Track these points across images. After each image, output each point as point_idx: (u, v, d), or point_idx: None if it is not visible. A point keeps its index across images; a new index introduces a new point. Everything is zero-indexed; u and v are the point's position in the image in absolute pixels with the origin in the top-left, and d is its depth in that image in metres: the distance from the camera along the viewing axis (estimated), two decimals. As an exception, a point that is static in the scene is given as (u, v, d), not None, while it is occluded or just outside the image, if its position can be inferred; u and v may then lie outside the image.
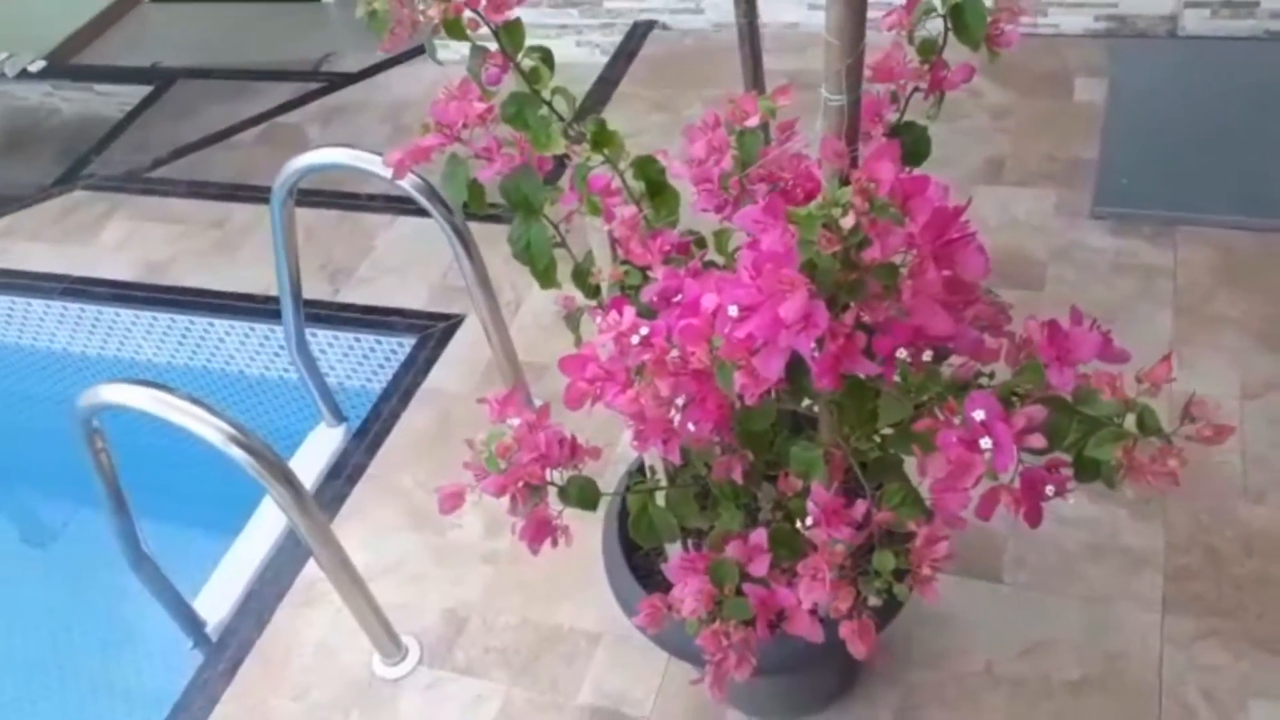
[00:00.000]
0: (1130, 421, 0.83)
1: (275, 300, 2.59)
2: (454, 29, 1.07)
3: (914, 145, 1.12)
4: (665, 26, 3.20)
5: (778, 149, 1.01)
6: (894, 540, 0.95)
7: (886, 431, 0.99)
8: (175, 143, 3.35)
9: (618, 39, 3.19)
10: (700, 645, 0.95)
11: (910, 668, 1.67)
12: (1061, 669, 1.63)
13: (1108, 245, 2.27)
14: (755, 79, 1.25)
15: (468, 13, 1.05)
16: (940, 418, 0.86)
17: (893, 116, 1.15)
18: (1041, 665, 1.64)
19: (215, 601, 1.99)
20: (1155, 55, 2.72)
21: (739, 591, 0.97)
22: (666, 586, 1.45)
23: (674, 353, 0.97)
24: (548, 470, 1.14)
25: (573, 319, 1.35)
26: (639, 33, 3.18)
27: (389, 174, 1.80)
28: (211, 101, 3.58)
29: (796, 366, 0.88)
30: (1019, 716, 1.59)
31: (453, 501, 1.15)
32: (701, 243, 1.18)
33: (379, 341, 2.50)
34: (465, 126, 1.24)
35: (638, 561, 1.50)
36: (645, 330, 0.97)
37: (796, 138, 1.02)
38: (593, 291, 1.30)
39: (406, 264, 2.65)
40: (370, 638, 1.76)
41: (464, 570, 1.94)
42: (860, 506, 0.91)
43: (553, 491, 1.16)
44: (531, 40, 1.15)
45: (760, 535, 0.99)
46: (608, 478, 1.42)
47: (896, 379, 0.90)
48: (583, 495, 1.16)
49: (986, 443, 0.81)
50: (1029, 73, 2.73)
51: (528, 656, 1.78)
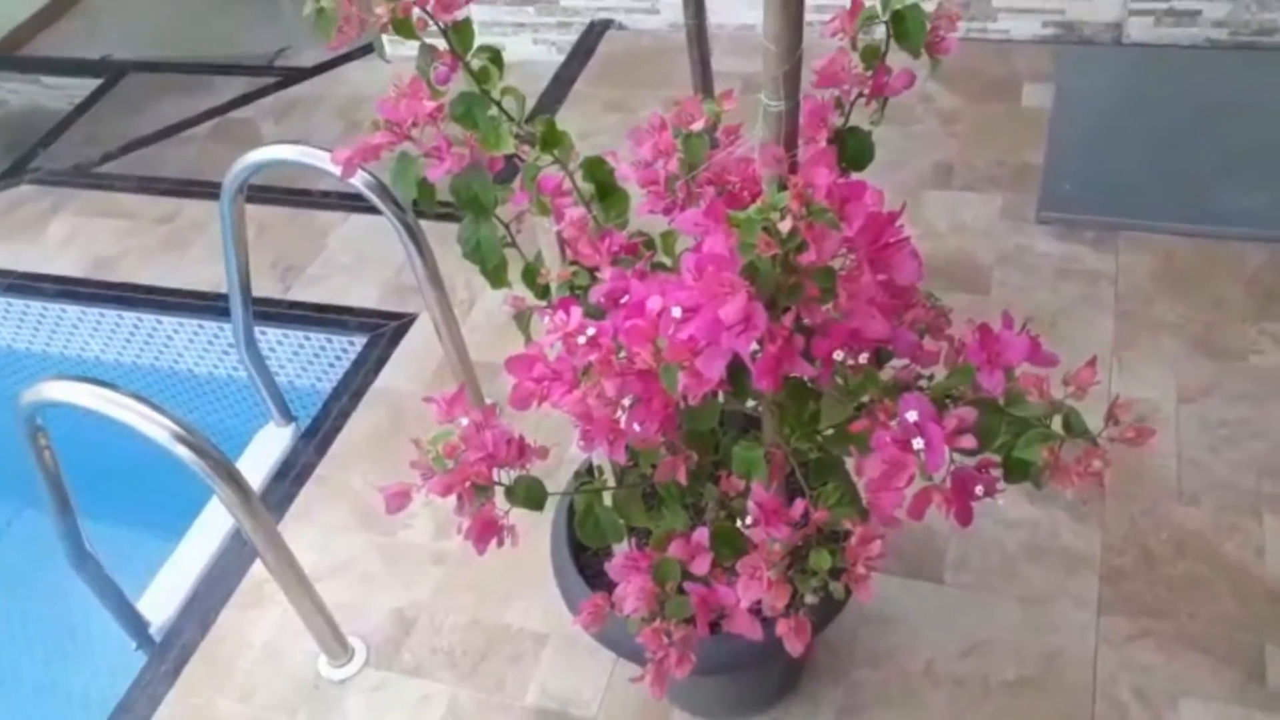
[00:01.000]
0: (1058, 423, 0.85)
1: (225, 298, 2.56)
2: (403, 28, 1.07)
3: (857, 150, 1.14)
4: (622, 26, 3.21)
5: (724, 153, 1.02)
6: (832, 540, 0.97)
7: (828, 433, 1.01)
8: (125, 137, 3.30)
9: (574, 38, 3.20)
10: (641, 643, 0.96)
11: (853, 667, 1.69)
12: (1000, 668, 1.66)
13: (1052, 250, 2.31)
14: (704, 82, 1.27)
15: (416, 11, 1.05)
16: (877, 419, 0.87)
17: (837, 121, 1.17)
18: (981, 665, 1.67)
19: (160, 602, 1.97)
20: (1100, 62, 2.77)
21: (680, 590, 0.98)
22: (613, 587, 1.47)
23: (620, 353, 0.98)
24: (495, 470, 1.14)
25: (522, 319, 1.35)
26: (595, 31, 3.19)
27: (339, 171, 1.80)
28: (163, 95, 3.54)
29: (738, 368, 0.90)
30: (959, 715, 1.62)
31: (397, 501, 1.15)
32: (650, 244, 1.19)
33: (329, 340, 2.49)
34: (415, 125, 1.25)
35: (586, 562, 1.51)
36: (592, 331, 0.98)
37: (742, 141, 1.04)
38: (542, 292, 1.30)
39: (359, 262, 2.64)
40: (317, 639, 1.75)
41: (413, 571, 1.93)
42: (799, 506, 0.93)
43: (500, 492, 1.17)
44: (488, 38, 1.15)
45: (702, 534, 1.00)
46: (559, 479, 1.42)
47: (837, 381, 0.92)
48: (530, 495, 1.17)
49: (919, 443, 0.82)
50: (979, 78, 2.77)
51: (475, 657, 1.78)
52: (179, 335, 2.58)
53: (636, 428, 1.01)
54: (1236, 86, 2.59)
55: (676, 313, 0.87)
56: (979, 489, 0.85)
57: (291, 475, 2.13)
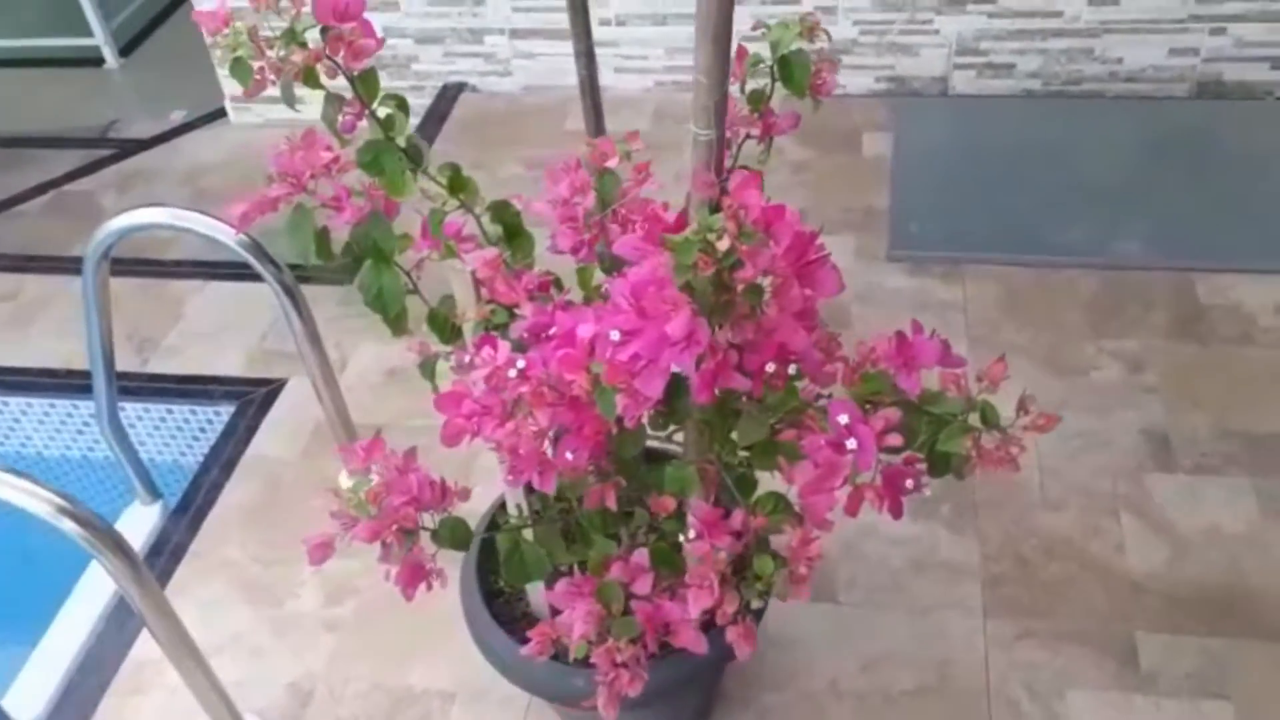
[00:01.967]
0: (974, 418, 0.92)
1: (77, 375, 2.46)
2: (310, 78, 1.08)
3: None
4: (475, 89, 3.25)
5: (634, 188, 1.07)
6: (765, 547, 1.01)
7: (750, 448, 1.05)
8: (-52, 215, 3.12)
9: (427, 101, 3.22)
10: (593, 665, 0.98)
11: (762, 690, 1.73)
12: (899, 679, 1.73)
13: (904, 285, 2.45)
14: (597, 127, 1.32)
15: (324, 62, 1.07)
16: (806, 427, 0.92)
17: (729, 160, 1.24)
18: (881, 678, 1.73)
19: (29, 698, 1.84)
20: (931, 112, 2.98)
21: (626, 610, 1.00)
22: (526, 632, 1.47)
23: (548, 385, 1.00)
24: (420, 513, 1.14)
25: (428, 366, 1.36)
26: (449, 95, 3.22)
27: (214, 232, 1.77)
28: (-13, 171, 3.37)
29: (673, 387, 0.93)
30: (866, 727, 1.67)
31: (321, 552, 1.13)
32: (559, 283, 1.22)
33: (193, 411, 2.40)
34: (312, 177, 1.25)
35: (498, 609, 1.50)
36: (522, 363, 1.00)
37: (650, 179, 1.09)
38: (448, 335, 1.31)
39: (219, 330, 2.56)
40: (212, 719, 1.67)
41: (306, 640, 1.87)
42: (738, 516, 0.97)
43: (424, 535, 1.16)
44: None
45: (642, 555, 1.03)
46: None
47: (760, 397, 0.97)
48: (455, 536, 1.17)
49: (852, 444, 0.88)
50: (823, 131, 2.93)
51: (381, 721, 1.74)
52: (28, 416, 2.44)
53: (569, 456, 1.04)
54: (1053, 131, 2.83)
55: (615, 335, 0.90)
56: (908, 483, 0.90)
57: (165, 553, 2.04)
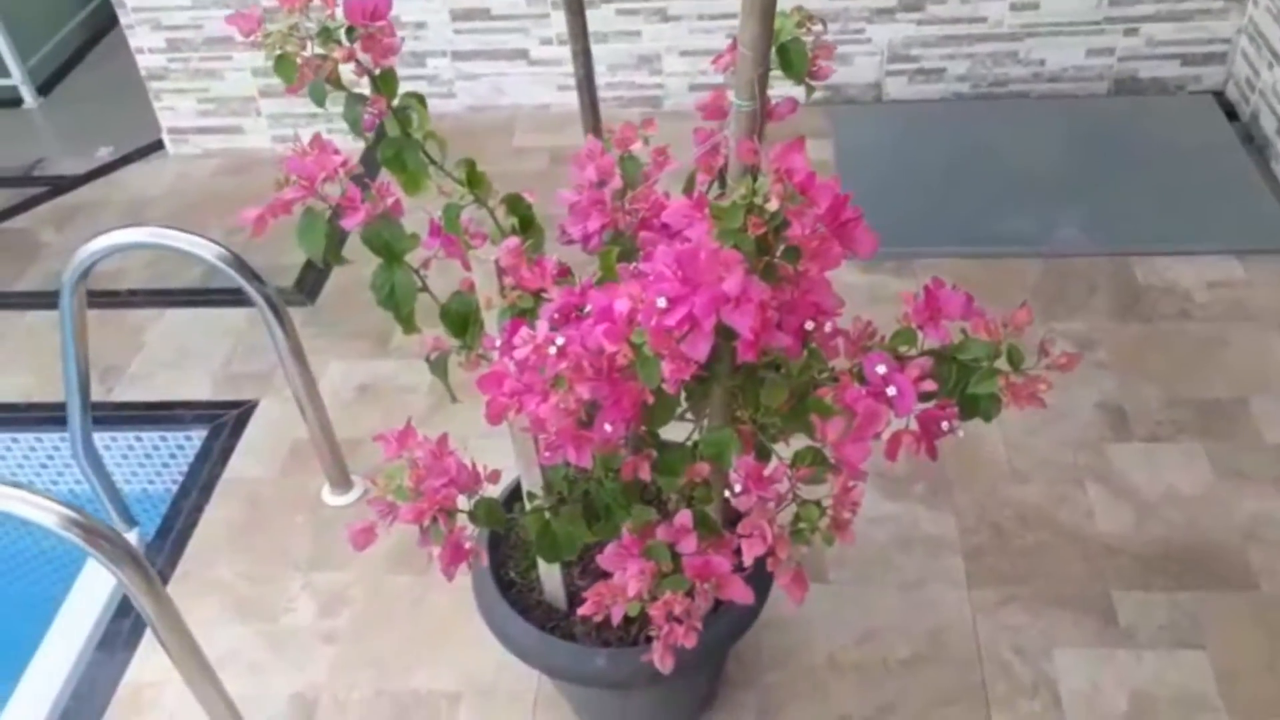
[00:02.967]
0: (1001, 363, 0.99)
1: (38, 408, 2.42)
2: (334, 78, 1.11)
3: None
4: (422, 111, 3.27)
5: (656, 170, 1.12)
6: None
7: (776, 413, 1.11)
8: (-120, 259, 3.03)
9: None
10: (650, 617, 1.02)
11: (763, 671, 1.78)
12: (894, 649, 1.79)
13: (860, 281, 2.54)
14: (594, 122, 1.37)
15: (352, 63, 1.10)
16: (842, 383, 0.98)
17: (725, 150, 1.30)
18: (877, 649, 1.80)
19: (21, 728, 1.81)
20: (868, 117, 3.10)
21: (675, 569, 1.04)
22: (542, 620, 1.50)
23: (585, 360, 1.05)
24: (457, 495, 1.17)
25: (440, 362, 1.39)
26: (396, 118, 3.24)
27: (197, 249, 1.78)
28: (-90, 214, 3.28)
29: (714, 350, 0.98)
30: (868, 698, 1.73)
31: (365, 537, 1.15)
32: (570, 271, 1.27)
33: (163, 438, 2.38)
34: (325, 180, 1.28)
35: (512, 598, 1.53)
36: (561, 340, 1.04)
37: (672, 162, 1.14)
38: (462, 331, 1.34)
39: (182, 356, 2.54)
40: (219, 733, 1.66)
41: (304, 653, 1.87)
42: (779, 468, 1.02)
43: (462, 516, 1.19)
44: (280, 130, 1.19)
45: (685, 517, 1.07)
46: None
47: (796, 357, 1.03)
48: (490, 515, 1.20)
49: (892, 390, 0.94)
50: (765, 139, 3.02)
51: (389, 726, 1.75)
52: (-10, 452, 2.39)
53: (608, 428, 1.08)
54: (985, 131, 2.97)
55: (662, 303, 0.95)
56: (944, 425, 0.97)
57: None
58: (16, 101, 3.96)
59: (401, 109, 1.18)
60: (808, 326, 0.97)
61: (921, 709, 1.70)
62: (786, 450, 1.14)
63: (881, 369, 0.95)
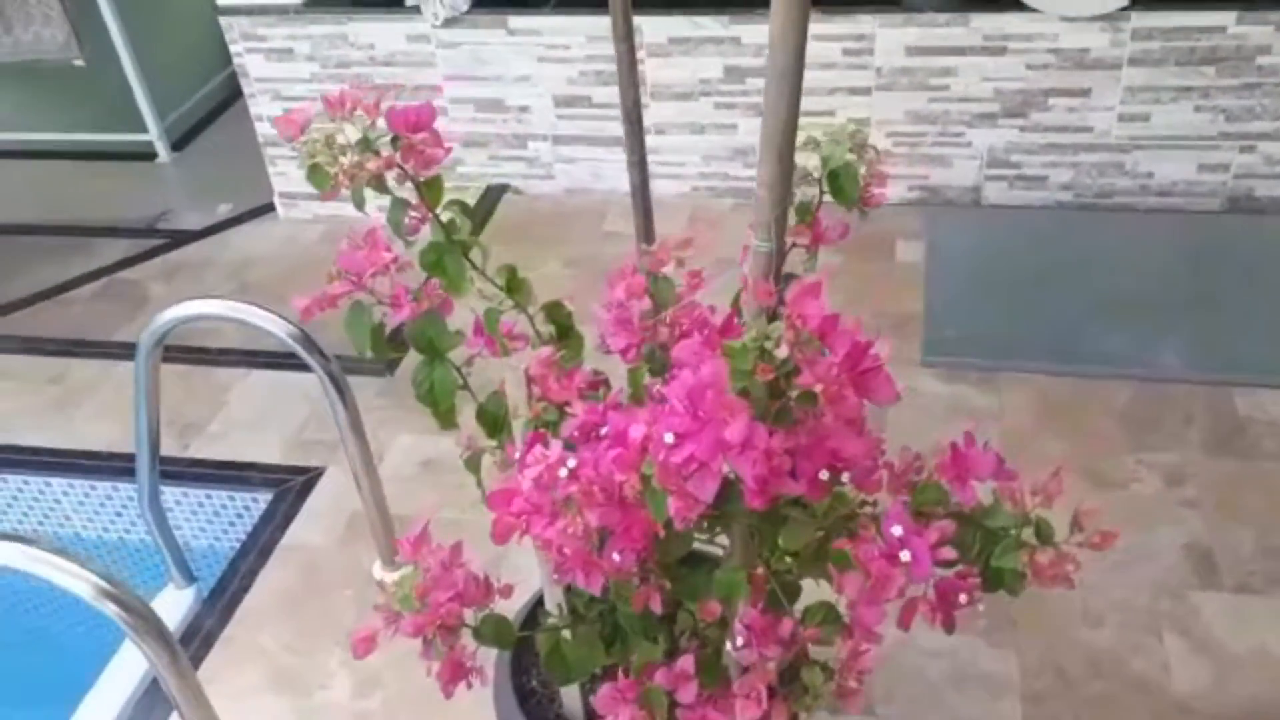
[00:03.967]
0: (1028, 533, 0.92)
1: (119, 457, 2.49)
2: (379, 183, 1.12)
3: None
4: (518, 191, 3.33)
5: (689, 293, 1.10)
6: (811, 658, 1.01)
7: (801, 554, 1.05)
8: (2, 299, 3.20)
9: (470, 202, 3.30)
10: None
11: (796, 804, 1.69)
12: (938, 795, 1.69)
13: (940, 391, 2.46)
14: (648, 231, 1.35)
15: (397, 168, 1.11)
16: (856, 537, 0.93)
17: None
18: (920, 793, 1.70)
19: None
20: (964, 221, 3.02)
21: (670, 718, 0.99)
22: (564, 731, 1.45)
23: (597, 485, 1.02)
24: (463, 609, 1.14)
25: (474, 460, 1.37)
26: (492, 196, 3.30)
27: (268, 324, 1.81)
28: (40, 259, 3.46)
29: (724, 491, 0.94)
30: (904, 845, 1.63)
31: (365, 646, 1.13)
32: (607, 383, 1.24)
33: (231, 498, 2.42)
34: (373, 275, 1.29)
35: (530, 709, 1.49)
36: (573, 462, 1.01)
37: (704, 285, 1.11)
38: (496, 431, 1.33)
39: (260, 418, 2.60)
40: (237, 811, 1.65)
41: (334, 733, 1.86)
42: (787, 625, 0.97)
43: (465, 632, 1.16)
44: (381, 202, 1.20)
45: (687, 662, 1.02)
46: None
47: (804, 504, 0.98)
48: (498, 634, 1.17)
49: (906, 555, 0.88)
50: (855, 237, 2.93)
51: (408, 820, 1.71)
52: (68, 497, 2.47)
53: (616, 557, 1.04)
54: (1084, 242, 2.86)
55: (669, 438, 0.91)
56: (962, 597, 0.90)
57: (197, 639, 2.04)
58: (151, 155, 4.17)
59: (445, 217, 1.18)
60: (822, 476, 0.92)
61: None
62: (816, 591, 1.09)
63: (898, 530, 0.89)
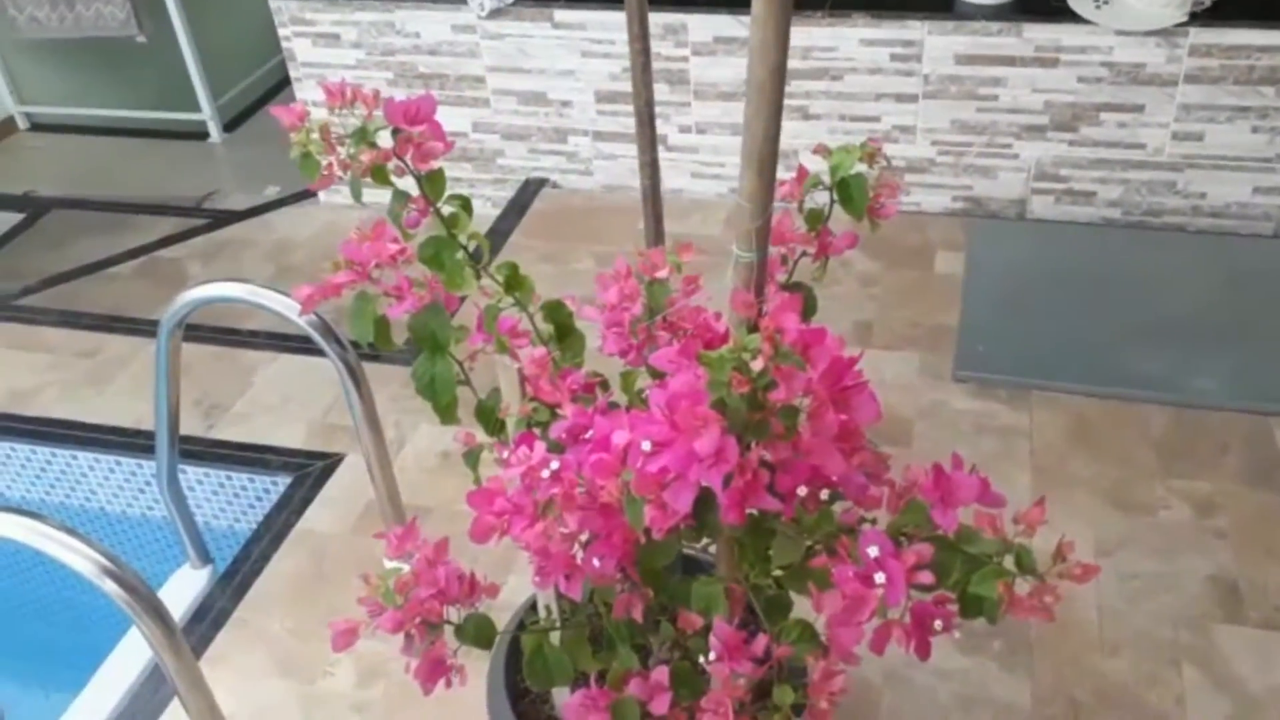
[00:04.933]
0: (1009, 561, 0.89)
1: (145, 435, 2.52)
2: (379, 175, 1.11)
3: (802, 303, 1.20)
4: (556, 185, 3.33)
5: (682, 299, 1.07)
6: (789, 675, 0.98)
7: (783, 570, 1.03)
8: (46, 272, 3.26)
9: (509, 193, 3.30)
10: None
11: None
12: (937, 820, 1.65)
13: (969, 407, 2.41)
14: (657, 236, 1.33)
15: (394, 161, 1.10)
16: (837, 555, 0.90)
17: (782, 277, 1.24)
18: (918, 817, 1.66)
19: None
20: (1007, 234, 2.96)
21: (640, 728, 0.97)
22: (553, 732, 1.44)
23: (581, 488, 1.00)
24: (445, 607, 1.13)
25: (472, 456, 1.36)
26: (530, 189, 3.30)
27: (286, 310, 1.82)
28: (87, 233, 3.53)
29: (703, 502, 0.92)
30: None
31: (345, 639, 1.13)
32: (605, 384, 1.22)
33: (251, 480, 2.44)
34: (377, 266, 1.28)
35: (524, 709, 1.48)
36: (556, 465, 1.00)
37: (699, 290, 1.09)
38: (495, 428, 1.32)
39: (285, 402, 2.62)
40: (231, 792, 1.66)
41: (334, 720, 1.86)
42: (761, 641, 0.94)
43: (448, 630, 1.15)
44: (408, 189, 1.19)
45: (661, 673, 1.00)
46: (498, 618, 1.41)
47: (794, 518, 0.95)
48: (480, 633, 1.16)
49: (880, 578, 0.85)
50: (894, 245, 2.93)
51: (399, 812, 1.71)
52: (94, 471, 2.51)
53: (596, 563, 1.02)
54: (1130, 261, 2.79)
55: (646, 446, 0.89)
56: (937, 624, 0.87)
57: (208, 619, 2.06)
58: (204, 135, 4.23)
59: (446, 211, 1.17)
60: (800, 493, 0.90)
61: None
62: (796, 609, 1.07)
63: (874, 551, 0.86)
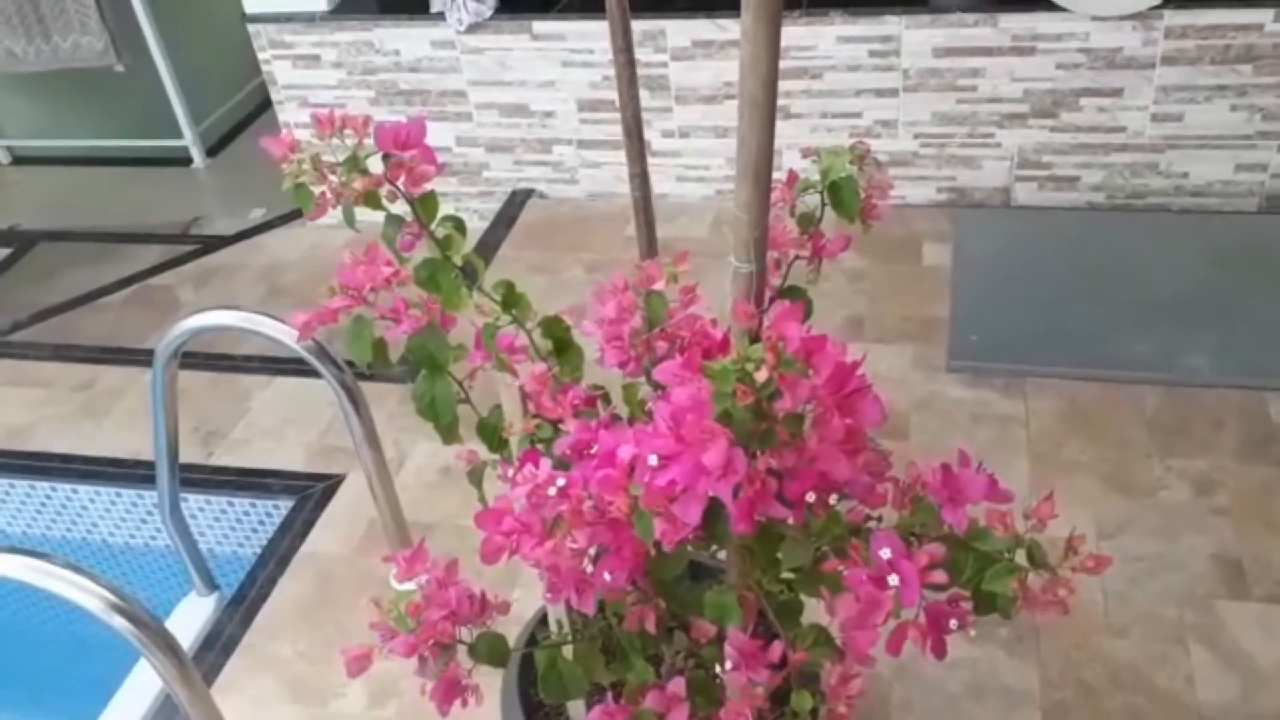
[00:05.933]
0: (1020, 556, 0.89)
1: (144, 465, 2.52)
2: (372, 201, 1.12)
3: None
4: (542, 195, 3.33)
5: (681, 310, 1.08)
6: (805, 680, 0.99)
7: (795, 574, 1.04)
8: (36, 306, 3.25)
9: (496, 205, 3.31)
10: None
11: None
12: (954, 811, 1.66)
13: (964, 396, 2.42)
14: (649, 245, 1.34)
15: (387, 185, 1.10)
16: (848, 558, 0.91)
17: (776, 281, 1.25)
18: (935, 808, 1.67)
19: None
20: (992, 223, 2.97)
21: (660, 740, 0.98)
22: (568, 746, 1.44)
23: (589, 503, 1.00)
24: (458, 627, 1.14)
25: (476, 474, 1.37)
26: (517, 200, 3.30)
27: (283, 336, 1.82)
28: (75, 264, 3.52)
29: (711, 512, 0.93)
30: None
31: (358, 665, 1.13)
32: (606, 398, 1.23)
33: (254, 505, 2.44)
34: (372, 290, 1.29)
35: (538, 722, 1.48)
36: (562, 481, 1.00)
37: (697, 301, 1.10)
38: (497, 445, 1.32)
39: (283, 425, 2.62)
40: (250, 820, 1.66)
41: (349, 742, 1.86)
42: (777, 648, 0.95)
43: (461, 650, 1.16)
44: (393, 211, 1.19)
45: (678, 684, 1.01)
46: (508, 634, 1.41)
47: (801, 523, 0.96)
48: (493, 652, 1.16)
49: (894, 579, 0.86)
50: (881, 240, 2.93)
51: (419, 831, 1.71)
52: (95, 504, 2.50)
53: (607, 577, 1.03)
54: (1116, 244, 2.81)
55: (653, 460, 0.90)
56: (952, 622, 0.88)
57: (217, 646, 2.06)
58: (186, 161, 4.23)
59: (440, 233, 1.17)
60: (809, 499, 0.90)
61: None
62: (808, 614, 1.07)
63: (886, 553, 0.87)
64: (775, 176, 1.11)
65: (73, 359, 2.92)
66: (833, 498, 0.91)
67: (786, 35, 3.11)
